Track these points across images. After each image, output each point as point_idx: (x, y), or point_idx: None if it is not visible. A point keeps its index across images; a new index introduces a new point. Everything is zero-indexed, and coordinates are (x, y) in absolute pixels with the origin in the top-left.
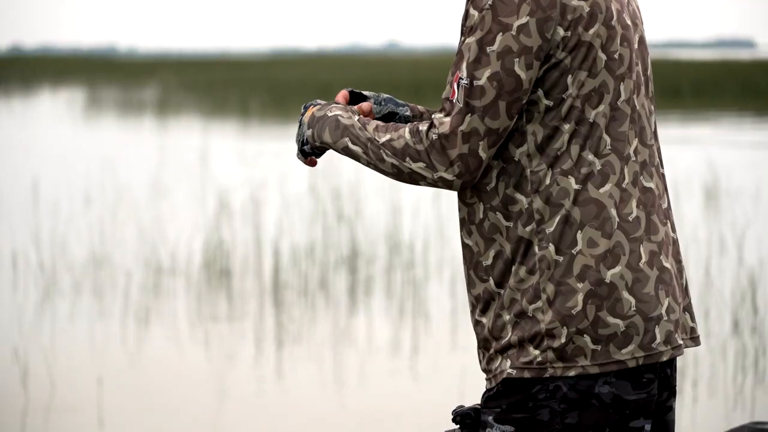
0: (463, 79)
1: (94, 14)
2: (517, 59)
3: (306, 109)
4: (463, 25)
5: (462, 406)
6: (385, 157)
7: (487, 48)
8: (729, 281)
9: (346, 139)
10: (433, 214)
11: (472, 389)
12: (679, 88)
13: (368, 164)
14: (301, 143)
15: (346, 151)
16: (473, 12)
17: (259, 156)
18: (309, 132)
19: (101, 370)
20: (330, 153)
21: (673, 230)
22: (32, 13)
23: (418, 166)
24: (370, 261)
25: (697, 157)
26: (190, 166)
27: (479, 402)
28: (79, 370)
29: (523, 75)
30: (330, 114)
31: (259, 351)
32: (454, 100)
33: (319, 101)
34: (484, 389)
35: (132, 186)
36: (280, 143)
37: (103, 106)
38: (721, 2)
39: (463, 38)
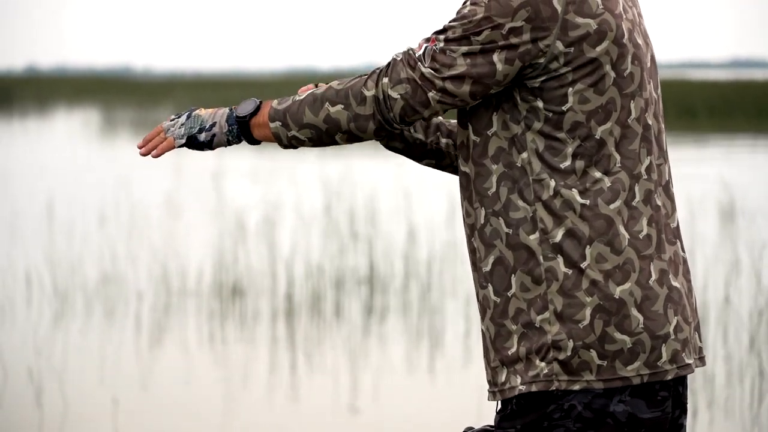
0: (438, 44)
1: (110, 34)
2: (499, 50)
3: (194, 110)
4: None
5: (471, 428)
6: (361, 90)
7: (472, 37)
8: (746, 302)
9: (327, 104)
10: (448, 234)
11: (489, 409)
12: (694, 109)
13: (349, 122)
14: (200, 130)
15: (328, 121)
16: (468, 3)
17: (273, 175)
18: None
19: (115, 390)
20: (347, 171)
21: (683, 249)
22: (47, 33)
23: (365, 86)
24: (386, 281)
25: (712, 178)
26: (205, 185)
27: (489, 423)
28: (93, 389)
29: (499, 66)
30: (295, 98)
31: (273, 371)
32: (417, 55)
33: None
34: (496, 409)
35: (147, 205)
36: (295, 162)
37: (118, 126)
38: (736, 22)
39: (449, 21)
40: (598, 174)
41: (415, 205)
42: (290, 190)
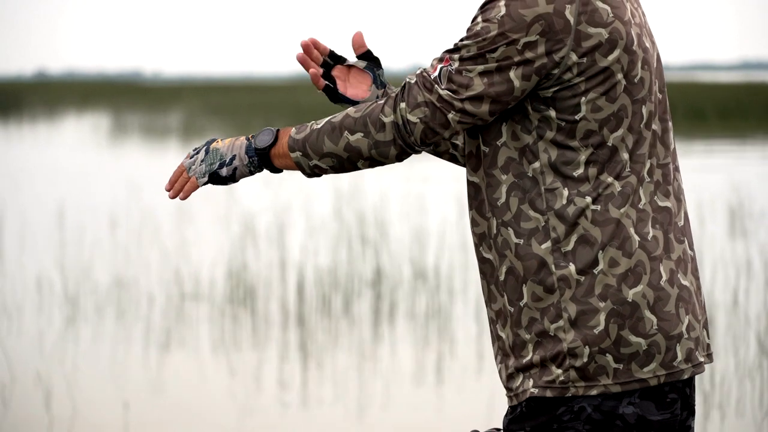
0: (453, 64)
1: (120, 39)
2: (515, 67)
3: (211, 142)
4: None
5: (477, 431)
6: (377, 117)
7: (488, 54)
8: (756, 304)
9: (346, 132)
10: (457, 237)
11: (499, 413)
12: (704, 111)
13: (370, 149)
14: (221, 165)
15: (348, 149)
16: (480, 20)
17: (283, 179)
18: (294, 152)
19: (125, 395)
20: (355, 177)
21: (691, 248)
22: (57, 38)
23: (383, 112)
24: (395, 285)
25: (721, 181)
26: (215, 190)
27: (498, 426)
28: (103, 394)
29: (517, 83)
30: (314, 127)
31: (282, 375)
32: (432, 77)
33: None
34: (507, 411)
35: (157, 210)
36: None
37: (128, 131)
38: (745, 24)
39: (461, 40)
40: (609, 179)
41: (424, 210)
42: (300, 195)
